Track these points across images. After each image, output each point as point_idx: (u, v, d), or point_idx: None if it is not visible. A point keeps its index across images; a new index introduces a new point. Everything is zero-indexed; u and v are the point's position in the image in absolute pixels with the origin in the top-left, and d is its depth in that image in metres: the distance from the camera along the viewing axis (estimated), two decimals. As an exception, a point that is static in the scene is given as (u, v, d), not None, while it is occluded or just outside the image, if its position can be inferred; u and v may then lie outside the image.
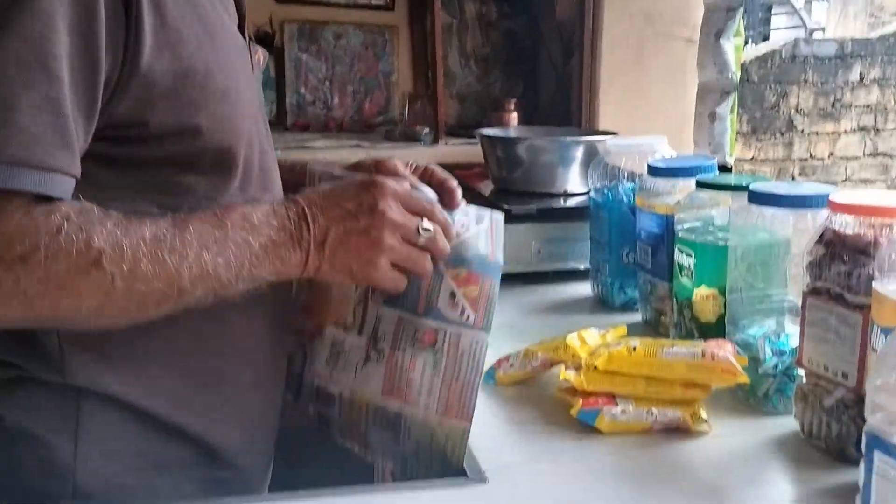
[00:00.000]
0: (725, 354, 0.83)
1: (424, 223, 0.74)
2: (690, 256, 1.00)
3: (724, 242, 0.96)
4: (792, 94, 4.61)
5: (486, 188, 1.55)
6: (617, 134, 1.56)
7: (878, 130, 4.79)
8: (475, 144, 1.62)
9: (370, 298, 0.80)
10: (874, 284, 0.67)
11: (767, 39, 7.32)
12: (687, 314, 1.01)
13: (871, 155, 4.83)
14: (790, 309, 0.87)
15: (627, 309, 1.23)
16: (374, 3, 2.32)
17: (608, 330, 0.96)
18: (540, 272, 1.34)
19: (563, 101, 2.12)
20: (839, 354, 0.74)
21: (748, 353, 0.87)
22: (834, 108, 4.68)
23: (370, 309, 0.80)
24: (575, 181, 1.47)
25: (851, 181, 4.64)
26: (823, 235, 0.76)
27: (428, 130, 2.10)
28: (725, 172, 1.33)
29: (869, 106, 4.75)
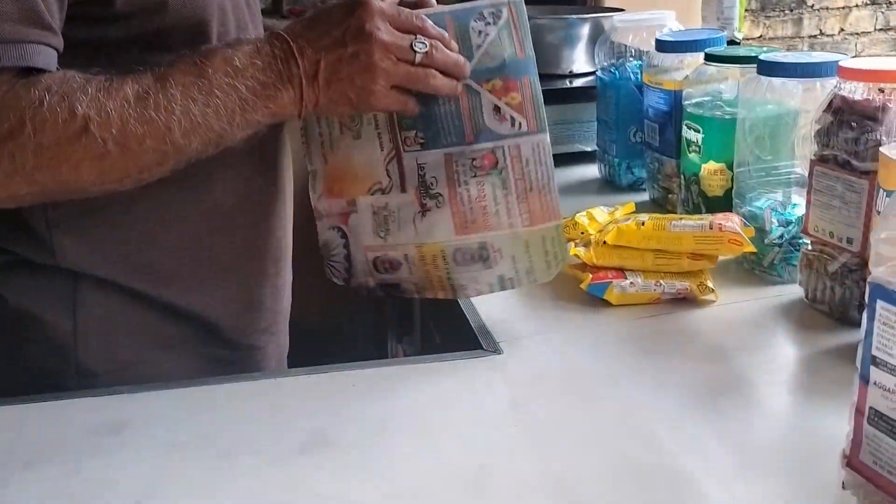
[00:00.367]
0: (732, 225, 0.84)
1: (418, 40, 0.70)
2: (698, 132, 1.00)
3: (732, 116, 0.96)
4: (802, -33, 4.45)
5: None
6: (623, 10, 1.52)
7: (889, 3, 4.65)
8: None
9: (402, 150, 0.77)
10: (881, 149, 0.67)
11: (778, -90, 7.00)
12: (694, 190, 1.02)
13: (882, 30, 4.70)
14: (797, 181, 0.88)
15: (635, 189, 1.23)
16: None
17: (616, 208, 0.98)
18: (547, 155, 1.35)
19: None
20: (844, 220, 0.75)
21: (755, 224, 0.89)
22: (845, -19, 4.53)
23: (406, 161, 0.77)
24: (581, 61, 1.45)
25: (862, 57, 4.53)
26: (832, 103, 0.76)
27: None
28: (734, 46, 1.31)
29: (882, -22, 4.59)
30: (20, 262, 0.75)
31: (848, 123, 0.74)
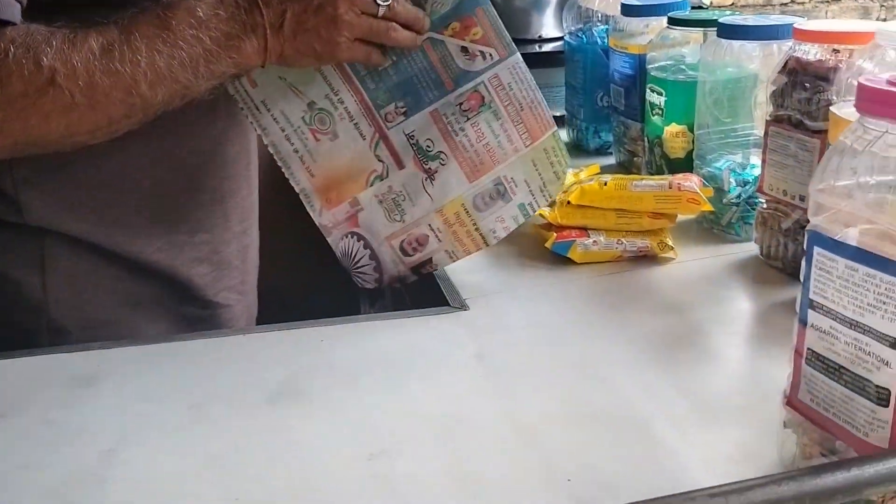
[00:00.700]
0: (691, 185, 0.87)
1: None
2: (661, 95, 1.02)
3: (693, 79, 0.98)
4: (774, -66, 4.47)
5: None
6: (592, -24, 1.53)
7: (860, -27, 4.68)
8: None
9: (386, 129, 0.78)
10: (832, 108, 0.70)
11: None
12: (657, 152, 1.04)
13: (852, -2, 4.73)
14: (755, 142, 0.91)
15: (602, 153, 1.26)
16: None
17: (581, 169, 1.00)
18: (516, 119, 1.36)
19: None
20: (798, 179, 0.78)
21: (714, 184, 0.91)
22: (817, -51, 4.55)
23: (393, 137, 0.79)
24: (550, 25, 1.46)
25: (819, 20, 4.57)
26: (787, 64, 0.78)
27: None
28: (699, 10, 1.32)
29: (852, -53, 4.62)
30: None
31: (801, 84, 0.76)
